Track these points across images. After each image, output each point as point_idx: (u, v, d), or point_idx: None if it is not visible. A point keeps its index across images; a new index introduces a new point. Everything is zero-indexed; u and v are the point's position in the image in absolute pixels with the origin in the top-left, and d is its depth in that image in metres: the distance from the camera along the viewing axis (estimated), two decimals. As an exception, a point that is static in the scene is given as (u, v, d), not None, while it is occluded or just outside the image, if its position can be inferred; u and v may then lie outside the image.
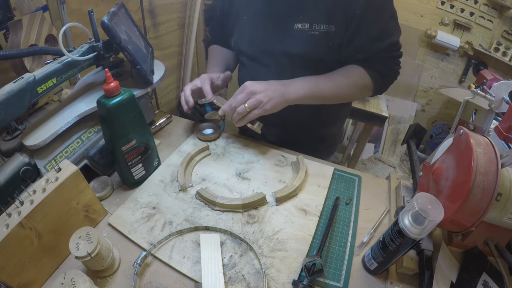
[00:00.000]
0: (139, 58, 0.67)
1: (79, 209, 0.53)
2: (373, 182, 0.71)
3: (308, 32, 0.71)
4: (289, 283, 0.49)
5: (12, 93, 0.52)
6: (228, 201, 0.60)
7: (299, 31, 0.71)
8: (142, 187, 0.64)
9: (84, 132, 0.64)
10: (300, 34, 0.72)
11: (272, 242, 0.55)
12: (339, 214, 0.63)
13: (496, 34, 2.04)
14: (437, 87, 2.28)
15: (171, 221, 0.57)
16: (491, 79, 0.81)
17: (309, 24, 0.71)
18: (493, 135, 0.60)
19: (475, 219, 0.43)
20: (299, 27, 0.71)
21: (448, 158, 0.51)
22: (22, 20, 0.69)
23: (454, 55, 2.18)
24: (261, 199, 0.61)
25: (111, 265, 0.49)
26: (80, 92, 0.68)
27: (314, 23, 0.70)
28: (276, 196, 0.61)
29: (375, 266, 0.50)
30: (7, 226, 0.42)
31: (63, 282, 0.40)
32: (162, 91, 1.97)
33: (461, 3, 2.01)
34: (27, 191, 0.47)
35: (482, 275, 0.47)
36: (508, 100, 0.67)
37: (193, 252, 0.53)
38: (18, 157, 0.55)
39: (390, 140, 2.39)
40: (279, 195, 0.61)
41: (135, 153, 0.60)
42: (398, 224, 0.43)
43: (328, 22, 0.69)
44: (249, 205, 0.60)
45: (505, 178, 0.44)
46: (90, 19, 0.63)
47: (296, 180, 0.65)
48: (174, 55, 1.99)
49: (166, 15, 1.79)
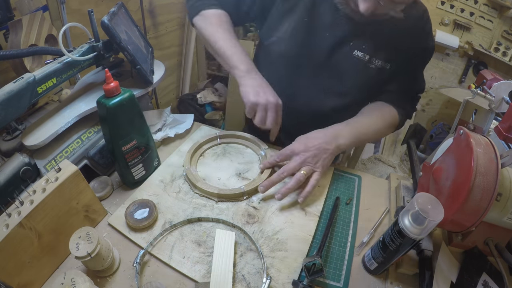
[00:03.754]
0: (139, 58, 0.67)
1: (79, 209, 0.53)
2: (373, 182, 0.71)
3: (366, 64, 0.73)
4: (289, 283, 0.49)
5: (12, 93, 0.52)
6: (206, 187, 0.62)
7: (358, 59, 0.73)
8: (142, 187, 0.64)
9: (84, 132, 0.64)
10: (358, 63, 0.73)
11: (272, 242, 0.55)
12: (339, 214, 0.63)
13: (496, 34, 2.04)
14: (437, 87, 2.28)
15: (171, 221, 0.57)
16: (491, 79, 0.80)
17: (369, 57, 0.72)
18: (493, 135, 0.60)
19: (475, 219, 0.43)
20: (359, 55, 0.72)
21: (448, 158, 0.51)
22: (22, 20, 0.69)
23: (454, 55, 2.18)
24: (238, 194, 0.62)
25: (111, 265, 0.49)
26: (80, 92, 0.68)
27: (373, 57, 0.72)
28: (245, 190, 0.62)
29: (375, 266, 0.50)
30: (7, 226, 0.42)
31: (63, 282, 0.40)
32: (162, 91, 1.97)
33: (461, 3, 2.01)
34: (27, 191, 0.47)
35: (482, 275, 0.47)
36: (508, 100, 0.67)
37: (193, 252, 0.53)
38: (18, 157, 0.55)
39: (390, 140, 2.39)
40: (247, 189, 0.63)
41: (135, 153, 0.60)
42: (398, 224, 0.43)
43: (386, 60, 0.73)
44: (224, 196, 0.62)
45: (505, 178, 0.44)
46: (90, 19, 0.63)
47: (264, 173, 0.67)
48: (174, 55, 1.99)
49: (166, 15, 1.79)
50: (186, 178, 0.66)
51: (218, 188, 0.63)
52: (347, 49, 0.73)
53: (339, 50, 0.73)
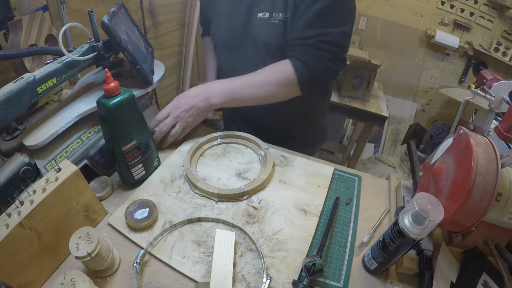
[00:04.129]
0: (139, 58, 0.67)
1: (79, 209, 0.53)
2: (373, 182, 0.71)
3: (268, 21, 0.74)
4: (289, 283, 0.49)
5: (12, 93, 0.52)
6: (206, 187, 0.62)
7: (261, 20, 0.74)
8: (142, 187, 0.64)
9: (84, 132, 0.64)
10: (262, 23, 0.74)
11: (272, 242, 0.55)
12: (339, 214, 0.63)
13: (496, 34, 2.04)
14: (437, 87, 2.28)
15: (171, 221, 0.57)
16: (491, 79, 0.80)
17: (269, 13, 0.73)
18: (493, 135, 0.60)
19: (475, 219, 0.43)
20: (261, 16, 0.74)
21: (448, 158, 0.51)
22: (22, 20, 0.69)
23: (454, 55, 2.18)
24: (238, 194, 0.62)
25: (111, 265, 0.49)
26: (80, 92, 0.68)
27: (274, 12, 0.73)
28: (245, 190, 0.62)
29: (375, 266, 0.50)
30: (7, 226, 0.42)
31: (63, 282, 0.40)
32: (162, 91, 1.97)
33: (461, 3, 2.01)
34: (27, 191, 0.47)
35: (482, 275, 0.47)
36: (508, 100, 0.67)
37: (193, 252, 0.53)
38: (18, 157, 0.55)
39: (390, 140, 2.39)
40: (247, 189, 0.62)
41: (135, 153, 0.60)
42: (398, 224, 0.43)
43: (285, 10, 0.71)
44: (224, 196, 0.62)
45: (505, 178, 0.44)
46: (90, 19, 0.63)
47: (264, 173, 0.66)
48: (174, 55, 1.99)
49: (166, 15, 1.79)
50: (186, 178, 0.66)
51: (218, 188, 0.63)
52: (253, 16, 0.76)
53: (248, 21, 0.77)
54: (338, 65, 0.73)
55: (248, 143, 0.77)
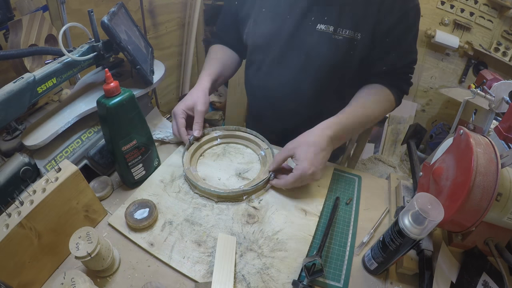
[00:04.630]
0: (139, 58, 0.67)
1: (79, 209, 0.53)
2: (373, 182, 0.71)
3: (331, 36, 0.69)
4: (289, 283, 0.49)
5: (12, 93, 0.52)
6: (206, 187, 0.62)
7: (322, 32, 0.69)
8: (142, 187, 0.64)
9: (84, 132, 0.64)
10: (323, 36, 0.69)
11: (272, 242, 0.55)
12: (339, 214, 0.63)
13: (496, 34, 2.04)
14: (437, 87, 2.28)
15: (171, 221, 0.57)
16: (491, 79, 0.80)
17: (333, 28, 0.68)
18: (493, 135, 0.60)
19: (475, 219, 0.43)
20: (323, 28, 0.69)
21: (448, 158, 0.51)
22: (22, 20, 0.69)
23: (454, 55, 2.18)
24: (238, 194, 0.62)
25: (111, 265, 0.49)
26: (80, 92, 0.68)
27: (339, 27, 0.68)
28: (244, 190, 0.62)
29: (375, 266, 0.50)
30: (7, 226, 0.42)
31: (63, 282, 0.40)
32: (162, 91, 1.97)
33: (461, 3, 2.01)
34: (27, 191, 0.47)
35: (482, 275, 0.47)
36: (508, 100, 0.67)
37: (193, 252, 0.53)
38: (18, 157, 0.55)
39: (390, 140, 2.39)
40: (247, 189, 0.62)
41: (135, 153, 0.60)
42: (398, 224, 0.43)
43: (355, 28, 0.67)
44: (223, 196, 0.61)
45: (505, 178, 0.44)
46: (90, 19, 0.63)
47: (264, 173, 0.66)
48: (174, 55, 1.98)
49: (166, 15, 1.79)
50: (186, 178, 0.66)
51: (218, 188, 0.63)
52: (308, 25, 0.70)
53: (302, 29, 0.71)
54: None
55: (248, 143, 0.77)
